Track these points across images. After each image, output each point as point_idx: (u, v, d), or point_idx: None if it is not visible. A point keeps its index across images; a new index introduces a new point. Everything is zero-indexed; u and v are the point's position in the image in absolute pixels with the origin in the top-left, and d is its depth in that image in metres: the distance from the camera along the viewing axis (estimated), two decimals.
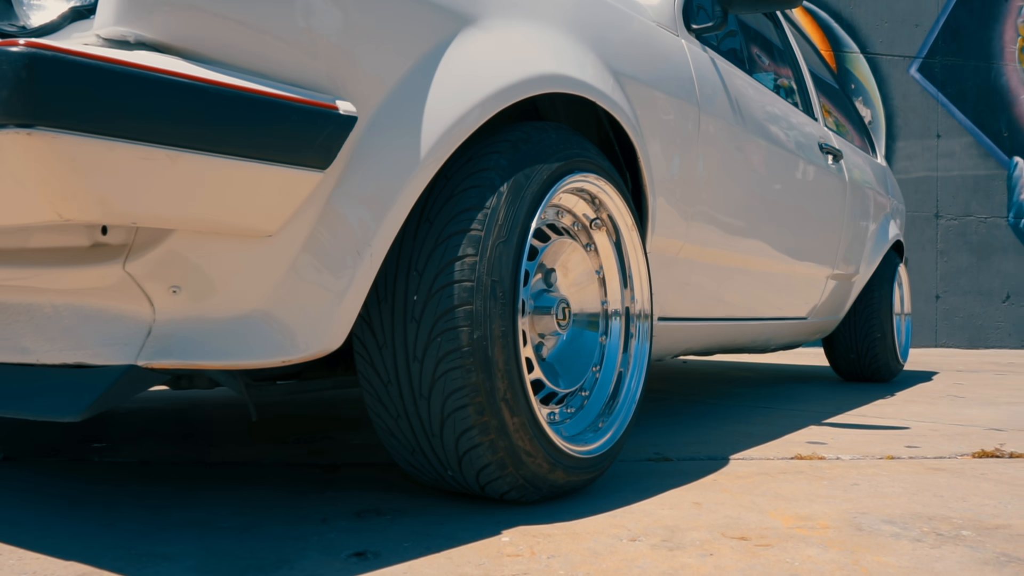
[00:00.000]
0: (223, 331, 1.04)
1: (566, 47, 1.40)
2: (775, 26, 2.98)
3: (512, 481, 1.26)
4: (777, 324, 2.71)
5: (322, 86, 1.03)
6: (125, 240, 1.00)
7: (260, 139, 0.95)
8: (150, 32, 0.90)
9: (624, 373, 1.51)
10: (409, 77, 1.12)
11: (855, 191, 3.10)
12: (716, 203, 1.97)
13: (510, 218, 1.19)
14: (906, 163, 7.40)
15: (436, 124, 1.13)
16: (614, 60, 1.55)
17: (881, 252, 3.48)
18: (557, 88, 1.32)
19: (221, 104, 0.91)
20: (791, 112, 2.59)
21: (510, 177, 1.21)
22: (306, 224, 1.05)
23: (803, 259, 2.65)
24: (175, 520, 1.24)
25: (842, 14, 7.40)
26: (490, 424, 1.18)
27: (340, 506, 1.34)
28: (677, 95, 1.77)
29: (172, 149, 0.88)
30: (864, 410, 2.75)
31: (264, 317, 1.05)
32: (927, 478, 1.67)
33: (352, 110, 1.04)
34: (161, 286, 1.02)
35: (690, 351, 2.32)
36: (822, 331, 3.32)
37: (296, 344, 1.05)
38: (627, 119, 1.51)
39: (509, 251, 1.18)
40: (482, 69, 1.20)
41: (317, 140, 1.00)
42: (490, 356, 1.15)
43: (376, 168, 1.08)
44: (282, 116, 0.96)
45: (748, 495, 1.48)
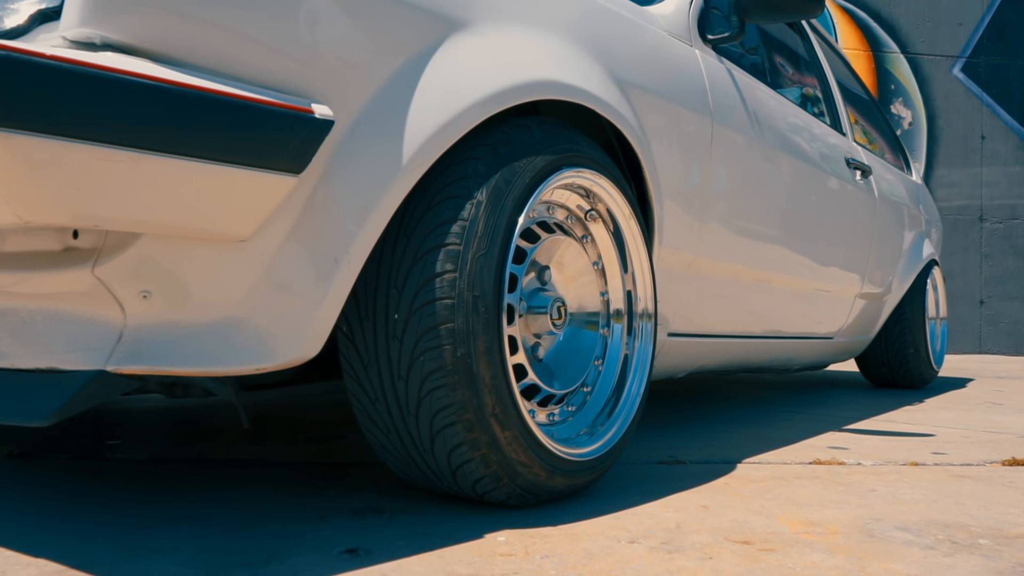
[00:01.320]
0: (196, 337, 1.02)
1: (565, 54, 1.36)
2: (802, 38, 2.91)
3: (509, 491, 1.24)
4: (799, 343, 2.64)
5: (299, 89, 1.01)
6: (95, 244, 1.00)
7: (228, 142, 0.93)
8: (116, 34, 0.89)
9: (627, 369, 1.48)
10: (392, 82, 1.10)
11: (885, 208, 3.02)
12: (731, 216, 1.92)
13: (490, 228, 1.16)
14: (948, 165, 7.24)
15: (419, 131, 1.10)
16: (618, 69, 1.52)
17: (914, 271, 3.39)
18: (552, 95, 1.29)
19: (184, 106, 0.89)
20: (816, 125, 2.53)
21: (490, 184, 1.18)
22: (282, 229, 1.03)
23: (828, 277, 2.58)
24: (174, 516, 1.24)
25: (881, 14, 7.26)
26: (480, 440, 1.16)
27: (340, 504, 1.33)
28: (688, 105, 1.73)
29: (133, 151, 0.87)
30: (892, 415, 2.68)
31: (238, 324, 1.03)
32: (950, 485, 1.62)
33: (328, 114, 1.02)
34: (131, 291, 1.01)
35: (704, 369, 2.26)
36: (851, 351, 3.24)
37: (271, 352, 1.04)
38: (629, 127, 1.47)
39: (490, 263, 1.15)
40: (470, 75, 1.17)
41: (290, 144, 0.98)
42: (475, 373, 1.13)
43: (355, 174, 1.06)
44: (252, 119, 0.94)
45: (758, 499, 1.44)
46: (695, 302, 1.90)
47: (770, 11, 1.92)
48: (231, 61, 0.96)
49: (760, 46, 2.48)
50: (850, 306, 2.88)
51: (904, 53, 7.28)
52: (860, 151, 2.91)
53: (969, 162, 7.28)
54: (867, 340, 3.31)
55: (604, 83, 1.44)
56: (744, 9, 1.91)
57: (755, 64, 2.38)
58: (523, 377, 1.30)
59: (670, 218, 1.68)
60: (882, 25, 7.27)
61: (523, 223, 1.22)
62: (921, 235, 3.51)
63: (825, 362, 3.17)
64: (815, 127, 2.51)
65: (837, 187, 2.53)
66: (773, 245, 2.16)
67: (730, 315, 2.10)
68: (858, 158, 2.80)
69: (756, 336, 2.29)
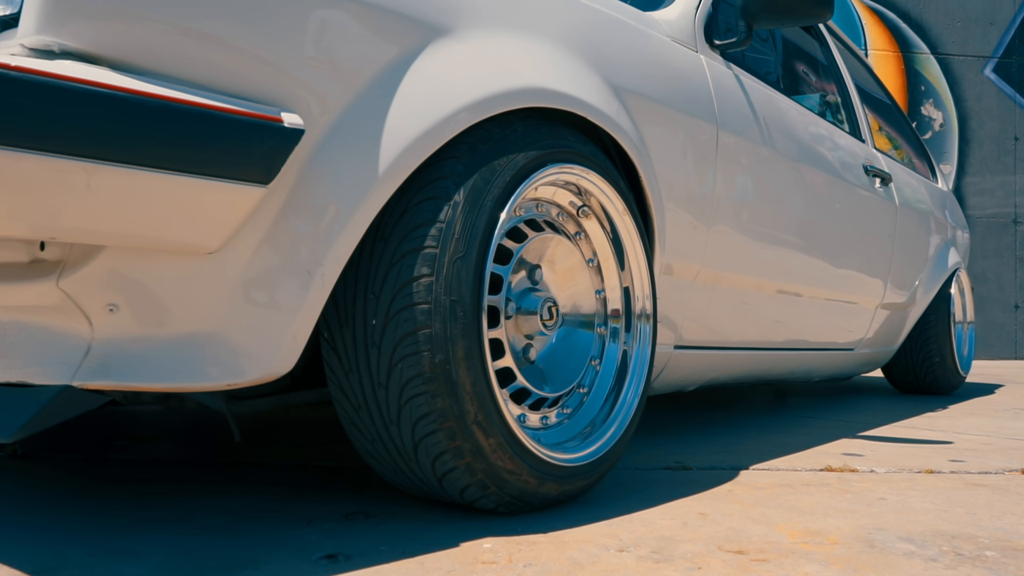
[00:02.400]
0: (165, 352, 1.01)
1: (556, 60, 1.33)
2: (819, 42, 2.84)
3: (497, 499, 1.21)
4: (817, 355, 2.57)
5: (270, 97, 0.98)
6: (60, 256, 0.98)
7: (189, 152, 0.91)
8: (75, 41, 0.86)
9: (626, 370, 1.44)
10: (369, 90, 1.07)
11: (907, 216, 2.94)
12: (739, 225, 1.87)
13: (468, 230, 1.13)
14: (981, 167, 7.09)
15: (395, 141, 1.07)
16: (616, 75, 1.48)
17: (939, 280, 3.30)
18: (539, 102, 1.25)
19: (141, 115, 0.87)
20: (832, 132, 2.47)
21: (468, 184, 1.15)
22: (253, 241, 1.01)
23: (846, 287, 2.51)
24: (163, 518, 1.23)
25: (911, 14, 7.14)
26: (463, 448, 1.13)
27: (331, 508, 1.31)
28: (691, 112, 1.69)
29: (89, 162, 0.85)
30: (914, 421, 2.61)
31: (208, 338, 1.01)
32: (964, 494, 1.56)
33: (298, 123, 0.99)
34: (98, 304, 0.99)
35: (716, 382, 2.20)
36: (874, 362, 3.16)
37: (242, 367, 1.01)
38: (624, 135, 1.43)
39: (468, 266, 1.12)
40: (451, 83, 1.14)
41: (257, 153, 0.96)
42: (455, 379, 1.10)
43: (329, 184, 1.03)
44: (214, 128, 0.92)
45: (761, 507, 1.40)
46: (703, 313, 1.85)
47: (778, 16, 1.86)
48: (198, 69, 0.93)
49: (773, 51, 2.42)
50: (871, 317, 2.81)
51: (934, 54, 7.15)
52: (880, 158, 2.84)
53: (1002, 164, 7.12)
54: (891, 351, 3.24)
55: (599, 90, 1.40)
56: (752, 14, 1.86)
57: (767, 70, 2.32)
58: (512, 381, 1.28)
59: (673, 227, 1.63)
60: (911, 26, 7.15)
61: (505, 222, 1.19)
62: (947, 243, 3.42)
63: (847, 374, 3.10)
64: (831, 133, 2.45)
65: (854, 195, 2.47)
66: (786, 255, 2.10)
67: (740, 327, 2.05)
68: (877, 165, 2.72)
69: (769, 348, 2.23)
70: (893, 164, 2.99)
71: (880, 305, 2.84)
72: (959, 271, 3.51)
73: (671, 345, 1.81)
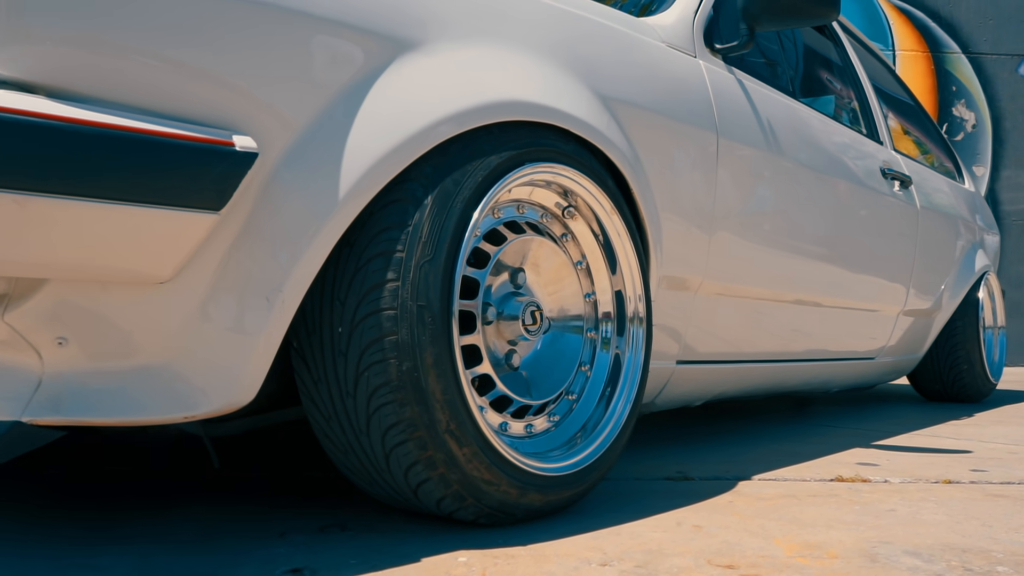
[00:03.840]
0: (118, 385, 0.97)
1: (538, 71, 1.28)
2: (833, 42, 2.75)
3: (476, 510, 1.16)
4: (834, 365, 2.48)
5: (223, 120, 0.95)
6: (6, 289, 0.94)
7: (132, 180, 0.87)
8: (8, 69, 0.83)
9: (618, 376, 1.38)
10: (332, 108, 1.03)
11: (930, 219, 2.83)
12: (744, 235, 1.80)
13: (436, 233, 1.08)
14: (1015, 167, 6.90)
15: (359, 161, 1.03)
16: (604, 85, 1.42)
17: (966, 284, 3.19)
18: (517, 116, 1.20)
19: (78, 144, 0.83)
20: (847, 135, 2.38)
21: (436, 186, 1.10)
22: (208, 268, 0.97)
23: (863, 294, 2.42)
24: (135, 532, 1.20)
25: (940, 13, 6.99)
26: (436, 458, 1.08)
27: (308, 520, 1.26)
28: (688, 120, 1.62)
29: (23, 194, 0.81)
30: (937, 429, 2.51)
31: (162, 371, 0.97)
32: (982, 505, 1.48)
33: (251, 146, 0.95)
34: (47, 337, 0.96)
35: (725, 395, 2.13)
36: (897, 371, 3.05)
37: (199, 399, 0.98)
38: (612, 146, 1.37)
39: (436, 270, 1.07)
40: (419, 99, 1.09)
41: (207, 179, 0.92)
42: (424, 387, 1.06)
43: (288, 208, 0.99)
44: (159, 154, 0.88)
45: (760, 519, 1.33)
46: (708, 326, 1.78)
47: (781, 17, 1.79)
48: (144, 93, 0.90)
49: (782, 52, 2.34)
50: (892, 324, 2.71)
51: (966, 53, 6.99)
52: (899, 160, 2.74)
53: None
54: (916, 359, 3.13)
55: (584, 101, 1.34)
56: (753, 16, 1.78)
57: (775, 72, 2.25)
58: (492, 388, 1.22)
59: (671, 239, 1.57)
60: (941, 25, 7.00)
61: (478, 223, 1.14)
62: (974, 246, 3.31)
63: (868, 383, 3.00)
64: (845, 136, 2.36)
65: (870, 199, 2.38)
66: (797, 263, 2.02)
67: (749, 338, 1.98)
68: (896, 167, 2.63)
69: (781, 360, 2.15)
70: (914, 166, 2.89)
71: (902, 312, 2.74)
72: (988, 274, 3.39)
73: (673, 360, 1.74)
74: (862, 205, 2.33)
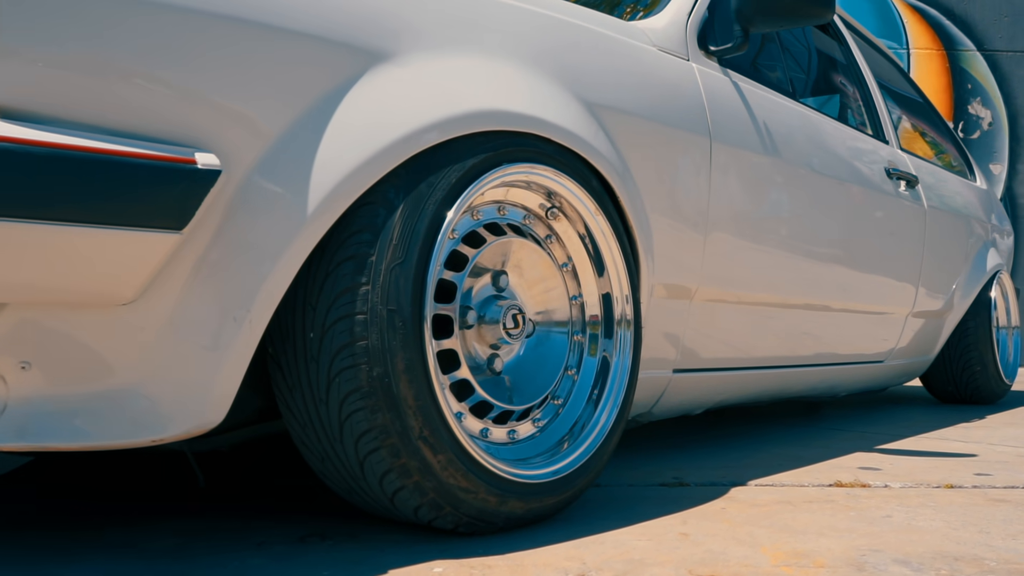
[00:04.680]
0: (84, 409, 0.95)
1: (516, 79, 1.25)
2: (838, 41, 2.70)
3: (455, 519, 1.14)
4: (840, 370, 2.43)
5: (188, 136, 0.93)
6: None
7: (89, 201, 0.86)
8: None
9: (606, 380, 1.36)
10: (301, 123, 1.01)
11: (938, 219, 2.78)
12: (741, 239, 1.77)
13: (407, 236, 1.06)
14: None
15: (329, 176, 1.01)
16: (590, 91, 1.39)
17: (978, 284, 3.13)
18: (494, 126, 1.17)
19: (31, 165, 0.82)
20: (849, 135, 2.34)
21: (408, 187, 1.08)
22: (173, 289, 0.96)
23: (869, 296, 2.37)
24: (107, 543, 1.18)
25: (954, 11, 6.90)
26: (410, 466, 1.07)
27: (289, 529, 1.25)
28: (680, 125, 1.59)
29: None
30: (946, 432, 2.47)
31: (129, 394, 0.96)
32: (982, 511, 1.44)
33: (214, 163, 0.94)
34: (9, 361, 0.94)
35: (727, 402, 2.08)
36: (908, 373, 3.00)
37: (166, 423, 0.96)
38: (597, 154, 1.34)
39: (407, 274, 1.06)
40: (391, 111, 1.07)
41: (167, 198, 0.91)
42: (396, 393, 1.04)
43: (255, 226, 0.98)
44: (117, 174, 0.87)
45: (750, 526, 1.30)
46: (704, 334, 1.75)
47: (775, 18, 1.76)
48: (102, 111, 0.88)
49: (782, 52, 2.30)
50: (901, 326, 2.66)
51: (981, 50, 6.90)
52: (906, 159, 2.69)
53: None
54: (927, 361, 3.07)
55: (567, 108, 1.31)
56: (747, 17, 1.75)
57: (774, 73, 2.21)
58: (468, 396, 1.20)
59: (663, 246, 1.54)
60: (956, 22, 6.92)
61: (453, 225, 1.12)
62: (986, 244, 3.25)
63: (877, 387, 2.95)
64: (847, 137, 2.32)
65: (874, 200, 2.33)
66: (797, 267, 1.98)
67: (750, 345, 1.94)
68: (902, 167, 2.58)
69: (785, 366, 2.11)
70: (922, 164, 2.84)
71: (911, 313, 2.69)
72: (1000, 273, 3.33)
73: (670, 368, 1.71)
74: (866, 206, 2.29)
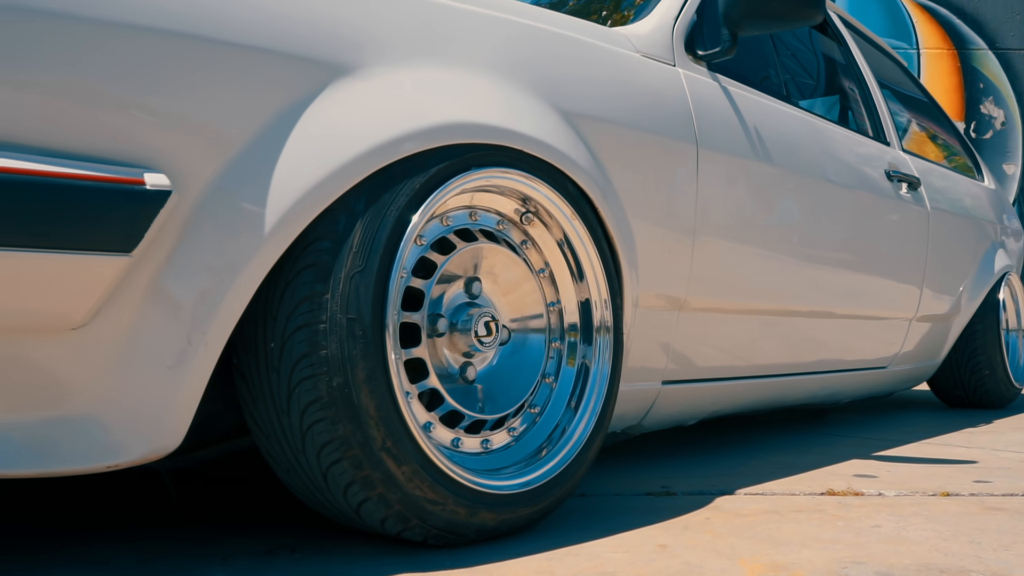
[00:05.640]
0: (37, 436, 0.93)
1: (487, 90, 1.23)
2: (837, 41, 2.65)
3: (422, 531, 1.11)
4: (841, 377, 2.38)
5: (139, 156, 0.91)
6: None
7: (32, 224, 0.84)
8: None
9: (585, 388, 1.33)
10: (258, 140, 0.99)
11: (942, 221, 2.72)
12: (730, 247, 1.73)
13: (368, 243, 1.04)
14: None
15: (288, 192, 0.99)
16: (568, 100, 1.36)
17: (986, 286, 3.07)
18: (465, 139, 1.15)
19: None
20: (846, 138, 2.29)
21: (369, 194, 1.06)
22: (127, 311, 0.94)
23: (868, 302, 2.32)
24: (71, 557, 1.16)
25: (965, 10, 6.83)
26: (373, 477, 1.04)
27: (259, 542, 1.23)
28: (663, 132, 1.56)
29: None
30: (950, 438, 2.41)
31: (84, 419, 0.94)
32: (976, 520, 1.40)
33: (164, 183, 0.92)
34: None
35: (721, 413, 2.04)
36: (914, 378, 2.94)
37: (120, 449, 0.95)
38: (573, 165, 1.30)
39: (367, 282, 1.03)
40: (350, 126, 1.05)
41: (114, 220, 0.89)
42: (357, 404, 1.02)
43: (211, 245, 0.96)
44: (61, 196, 0.85)
45: (733, 537, 1.26)
46: (695, 344, 1.71)
47: (763, 21, 1.72)
48: (50, 132, 0.86)
49: (776, 54, 2.26)
50: (905, 331, 2.61)
51: (993, 49, 6.82)
52: (907, 160, 2.64)
53: None
54: (934, 365, 3.01)
55: (544, 119, 1.29)
56: (734, 21, 1.71)
57: (767, 76, 2.17)
58: (438, 406, 1.18)
59: (647, 256, 1.50)
60: (967, 21, 6.84)
61: (418, 231, 1.10)
62: (994, 245, 3.19)
63: (883, 392, 2.89)
64: (844, 139, 2.27)
65: (873, 203, 2.28)
66: (791, 274, 1.93)
67: (743, 354, 1.90)
68: (903, 169, 2.53)
69: (781, 375, 2.06)
70: (924, 165, 2.79)
71: (915, 318, 2.64)
72: (1009, 275, 3.27)
73: (659, 380, 1.67)
74: (864, 210, 2.24)
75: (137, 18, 0.92)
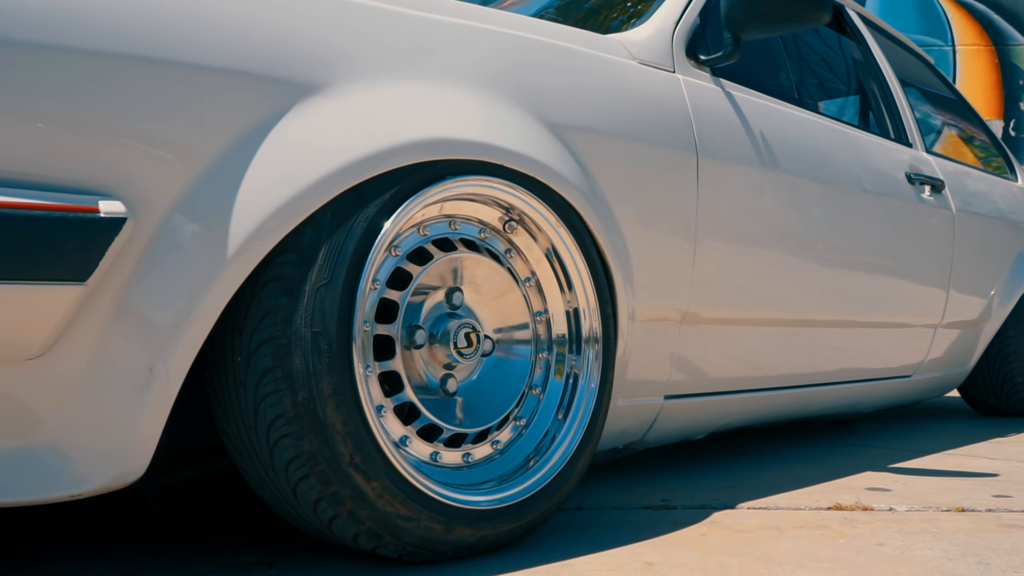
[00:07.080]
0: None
1: (465, 104, 1.19)
2: (855, 40, 2.56)
3: (396, 547, 1.08)
4: (862, 387, 2.30)
5: (97, 183, 0.90)
6: None
7: None
8: None
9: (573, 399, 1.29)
10: (221, 162, 0.97)
11: (969, 224, 2.62)
12: (734, 258, 1.67)
13: (334, 255, 1.01)
14: None
15: (252, 214, 0.97)
16: (556, 112, 1.32)
17: (1019, 290, 2.95)
18: (440, 155, 1.12)
19: None
20: (863, 141, 2.21)
21: (336, 206, 1.03)
22: (87, 339, 0.92)
23: (888, 309, 2.23)
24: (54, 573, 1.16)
25: (1003, 4, 6.65)
26: (341, 493, 1.02)
27: (238, 558, 1.20)
28: (660, 142, 1.51)
29: None
30: (976, 448, 2.33)
31: (45, 448, 0.93)
32: (988, 538, 1.33)
33: (119, 211, 0.90)
34: None
35: (731, 426, 1.98)
36: (942, 386, 2.84)
37: (82, 479, 0.93)
38: (556, 176, 1.26)
39: (333, 294, 1.01)
40: (319, 145, 1.02)
41: (67, 249, 0.87)
42: (322, 419, 0.99)
43: (172, 271, 0.94)
44: (9, 226, 0.83)
45: (725, 555, 1.22)
46: (698, 357, 1.66)
47: (767, 23, 1.66)
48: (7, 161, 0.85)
49: (787, 56, 2.19)
50: (930, 339, 2.52)
51: None
52: (931, 161, 2.55)
53: None
54: (963, 372, 2.91)
55: (527, 132, 1.25)
56: (737, 24, 1.65)
57: (777, 79, 2.10)
58: (415, 419, 1.15)
59: (644, 269, 1.46)
60: (1004, 16, 6.66)
61: (389, 241, 1.07)
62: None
63: (908, 401, 2.80)
64: (861, 142, 2.20)
65: (893, 208, 2.20)
66: (800, 283, 1.86)
67: (752, 366, 1.83)
68: (926, 170, 2.44)
69: (793, 387, 1.99)
70: (950, 166, 2.69)
71: (941, 324, 2.55)
72: None
73: (661, 395, 1.62)
74: (883, 215, 2.16)
75: (94, 42, 0.91)
